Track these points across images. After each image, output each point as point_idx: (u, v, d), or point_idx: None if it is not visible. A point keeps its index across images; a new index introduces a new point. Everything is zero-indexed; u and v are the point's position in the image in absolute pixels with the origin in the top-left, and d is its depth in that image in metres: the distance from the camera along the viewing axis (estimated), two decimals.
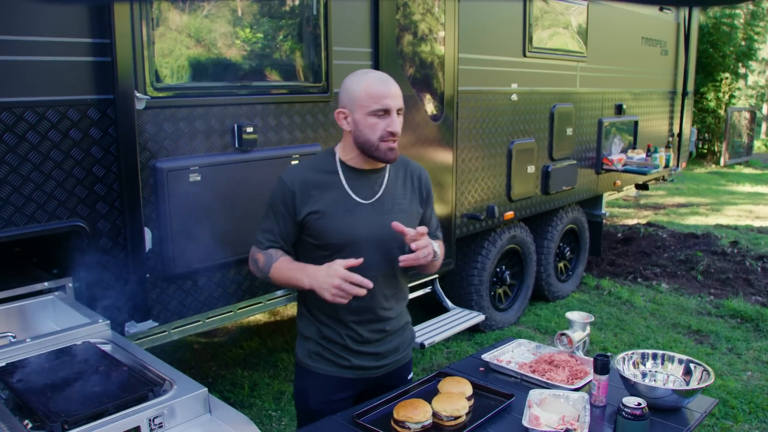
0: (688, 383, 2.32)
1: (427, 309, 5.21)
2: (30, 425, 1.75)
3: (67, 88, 2.65)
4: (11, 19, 2.47)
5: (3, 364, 2.06)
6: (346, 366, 2.36)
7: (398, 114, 2.24)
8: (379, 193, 2.31)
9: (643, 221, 10.01)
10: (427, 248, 2.20)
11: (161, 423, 1.79)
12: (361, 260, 2.12)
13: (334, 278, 2.08)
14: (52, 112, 2.60)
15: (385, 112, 2.20)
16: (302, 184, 2.26)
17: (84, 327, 2.33)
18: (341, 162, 2.31)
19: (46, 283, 2.72)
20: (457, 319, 4.85)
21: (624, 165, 6.62)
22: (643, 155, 6.75)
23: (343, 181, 2.28)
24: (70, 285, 2.79)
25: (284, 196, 2.27)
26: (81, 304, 2.64)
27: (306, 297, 2.38)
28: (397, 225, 2.18)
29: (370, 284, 2.09)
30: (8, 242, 2.58)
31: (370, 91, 2.19)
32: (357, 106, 2.22)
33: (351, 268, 2.11)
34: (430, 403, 2.09)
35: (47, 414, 1.73)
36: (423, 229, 2.20)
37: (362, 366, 2.37)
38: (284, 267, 2.25)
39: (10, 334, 2.36)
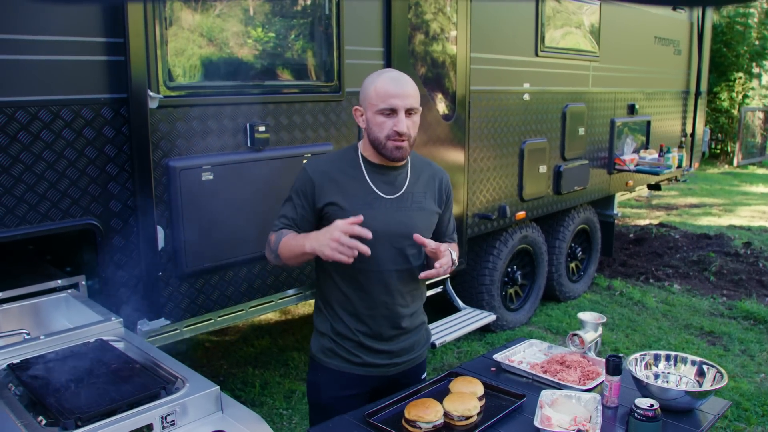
0: (701, 385, 2.30)
1: (438, 309, 5.20)
2: (44, 421, 1.76)
3: (81, 87, 2.66)
4: (26, 18, 2.48)
5: (17, 360, 2.08)
6: (357, 363, 2.37)
7: (410, 114, 2.24)
8: (402, 191, 2.34)
9: (656, 222, 9.96)
10: (446, 264, 2.24)
11: (173, 421, 1.79)
12: (361, 218, 2.10)
13: (333, 231, 2.07)
14: (66, 111, 2.62)
15: (392, 111, 2.21)
16: (323, 174, 2.29)
17: (97, 325, 2.34)
18: (363, 157, 2.34)
19: (59, 281, 2.73)
20: (468, 319, 4.84)
21: (636, 165, 6.59)
22: (656, 155, 6.71)
23: (366, 175, 2.31)
24: (83, 283, 2.81)
25: (304, 184, 2.31)
26: (94, 302, 2.65)
27: (323, 291, 2.41)
28: (418, 237, 2.22)
29: (368, 234, 2.08)
30: (22, 240, 2.59)
31: (379, 90, 2.22)
32: (368, 105, 2.25)
33: (364, 260, 2.15)
34: (441, 402, 2.09)
35: (61, 411, 1.74)
36: (441, 246, 2.24)
37: (375, 363, 2.38)
38: (291, 238, 2.25)
39: (24, 331, 2.37)
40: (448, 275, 4.87)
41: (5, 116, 2.45)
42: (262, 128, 3.23)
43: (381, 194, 2.30)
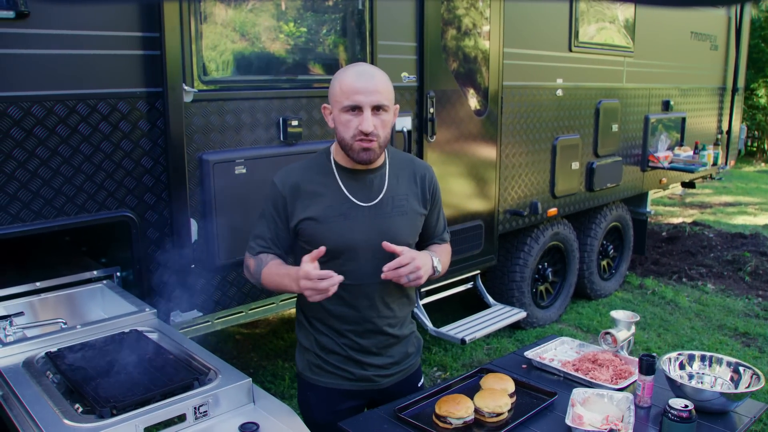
0: (736, 386, 2.26)
1: (467, 305, 5.19)
2: (80, 409, 1.79)
3: (118, 81, 2.70)
4: (65, 14, 2.52)
5: (55, 349, 2.12)
6: (348, 378, 2.25)
7: (377, 112, 2.04)
8: (380, 196, 2.17)
9: (689, 220, 9.81)
10: (412, 269, 2.03)
11: (206, 411, 1.81)
12: (323, 249, 1.96)
13: (299, 280, 1.95)
14: (102, 105, 2.65)
15: (357, 108, 2.02)
16: (293, 187, 2.14)
17: (131, 315, 2.38)
18: (335, 162, 2.19)
19: (95, 272, 2.79)
20: (498, 316, 4.82)
21: (670, 162, 6.50)
22: (691, 153, 6.61)
23: (340, 183, 2.15)
24: (118, 274, 2.86)
25: (275, 200, 2.16)
26: (128, 292, 2.69)
27: (303, 305, 2.28)
28: (387, 245, 2.04)
29: (333, 275, 1.93)
30: (60, 231, 2.64)
31: (343, 86, 2.03)
32: (334, 102, 2.08)
33: (345, 275, 1.99)
34: (472, 398, 2.08)
35: (97, 399, 1.77)
36: (407, 255, 2.04)
37: (365, 377, 2.26)
38: (273, 272, 2.11)
39: (61, 320, 2.42)
40: (477, 271, 4.85)
41: (44, 109, 2.49)
42: (295, 122, 3.25)
43: (357, 202, 2.14)
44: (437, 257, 2.23)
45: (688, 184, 7.76)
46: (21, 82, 2.44)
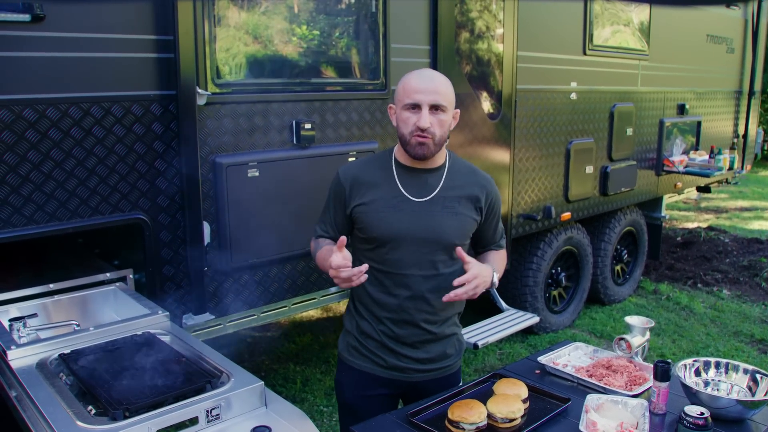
0: (753, 394, 2.24)
1: (480, 309, 5.17)
2: (93, 411, 1.80)
3: (132, 83, 2.72)
4: (79, 17, 2.54)
5: (68, 351, 2.13)
6: (381, 365, 2.36)
7: (435, 111, 2.18)
8: (433, 194, 2.29)
9: (704, 225, 9.74)
10: (473, 287, 2.14)
11: (218, 414, 1.82)
12: (344, 239, 2.10)
13: (329, 271, 2.11)
14: (116, 107, 2.67)
15: (416, 106, 2.18)
16: (353, 179, 2.31)
17: (144, 318, 2.39)
18: (395, 159, 2.33)
19: (108, 274, 2.80)
20: (511, 321, 4.80)
21: (686, 167, 6.45)
22: (706, 157, 6.57)
23: (395, 177, 2.30)
24: (131, 276, 2.87)
25: (337, 189, 2.34)
26: (141, 295, 2.71)
27: (354, 290, 2.41)
28: (460, 252, 2.17)
29: (357, 271, 2.07)
30: (73, 233, 2.66)
31: (406, 85, 2.21)
32: (397, 101, 2.25)
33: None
34: (485, 404, 2.07)
35: (110, 401, 1.78)
36: (472, 273, 2.15)
37: (398, 366, 2.36)
38: (320, 256, 2.28)
39: (74, 322, 2.44)
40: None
41: (59, 112, 2.52)
42: (308, 125, 3.26)
43: (408, 196, 2.27)
44: (498, 273, 2.33)
45: (704, 189, 7.70)
46: (36, 85, 2.46)
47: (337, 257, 2.08)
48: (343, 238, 2.10)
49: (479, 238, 2.46)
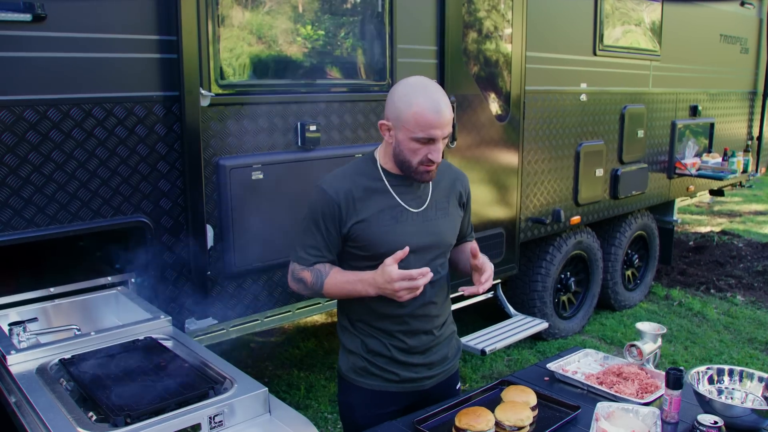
0: None
1: (488, 315, 5.17)
2: (94, 417, 1.81)
3: (134, 84, 2.73)
4: (81, 17, 2.55)
5: (68, 356, 2.14)
6: (393, 380, 2.33)
7: (443, 140, 2.16)
8: (427, 201, 2.29)
9: (717, 229, 9.71)
10: (490, 277, 2.23)
11: (221, 421, 1.82)
12: (407, 250, 2.08)
13: (392, 284, 2.05)
14: (119, 109, 2.68)
15: (430, 140, 2.12)
16: (346, 194, 2.19)
17: (146, 322, 2.39)
18: (383, 169, 2.26)
19: (109, 278, 2.81)
20: (519, 326, 4.80)
21: (698, 169, 6.44)
22: (719, 159, 6.55)
23: (390, 188, 2.24)
24: (133, 280, 2.88)
25: (329, 208, 2.19)
26: (143, 299, 2.71)
27: (348, 309, 2.35)
28: (475, 250, 2.20)
29: (427, 271, 2.08)
30: (74, 236, 2.67)
31: (420, 119, 2.08)
32: (402, 127, 2.12)
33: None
34: (492, 411, 2.07)
35: (111, 407, 1.78)
36: (486, 262, 2.23)
37: (411, 378, 2.34)
38: (339, 281, 2.20)
39: (74, 326, 2.44)
40: (498, 281, 4.83)
41: (60, 113, 2.53)
42: (313, 127, 3.26)
43: (408, 208, 2.24)
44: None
45: (717, 192, 7.68)
46: (37, 86, 2.47)
47: (393, 269, 2.05)
48: (407, 249, 2.08)
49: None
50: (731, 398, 2.28)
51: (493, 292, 4.97)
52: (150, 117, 2.78)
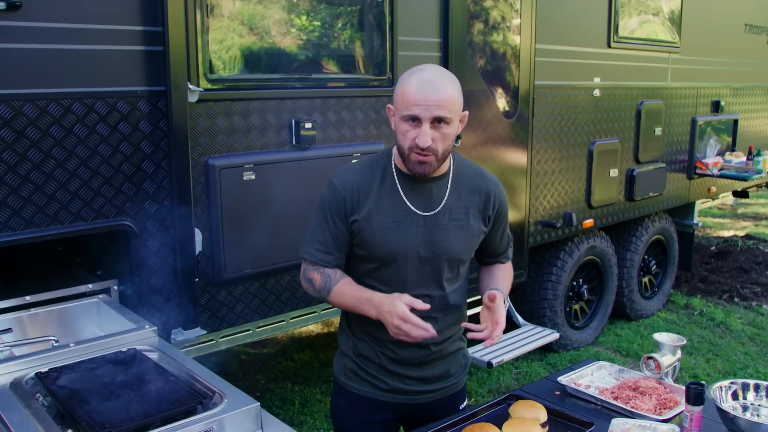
0: None
1: None
2: None
3: (117, 78, 2.73)
4: (60, 6, 2.55)
5: (45, 369, 2.13)
6: (382, 388, 2.33)
7: (438, 125, 2.07)
8: (439, 206, 2.23)
9: (741, 233, 9.71)
10: (499, 334, 2.16)
11: None
12: (428, 307, 2.08)
13: (393, 317, 2.05)
14: (100, 104, 2.68)
15: (415, 120, 2.07)
16: (353, 188, 2.20)
17: (130, 333, 2.39)
18: (395, 167, 2.25)
19: (90, 285, 2.80)
20: (528, 337, 4.79)
21: (721, 169, 6.45)
22: (744, 158, 6.55)
23: (399, 189, 2.22)
24: (115, 288, 2.88)
25: (336, 202, 2.21)
26: (126, 308, 2.71)
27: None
28: (496, 295, 2.16)
29: (430, 329, 2.05)
30: (52, 241, 2.66)
31: (405, 94, 2.07)
32: (396, 108, 2.14)
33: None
34: (500, 428, 2.07)
35: (91, 424, 1.78)
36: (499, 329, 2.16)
37: (401, 389, 2.33)
38: (346, 293, 2.20)
39: (52, 338, 2.43)
40: None
41: (37, 109, 2.52)
42: (308, 125, 3.26)
43: (415, 210, 2.21)
44: (506, 295, 2.31)
45: (741, 194, 7.68)
46: (12, 79, 2.47)
47: (402, 305, 2.04)
48: (428, 306, 2.08)
49: (485, 248, 2.41)
50: (757, 415, 2.28)
51: None
52: (134, 113, 2.78)
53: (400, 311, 2.03)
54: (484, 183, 2.33)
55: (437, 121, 2.06)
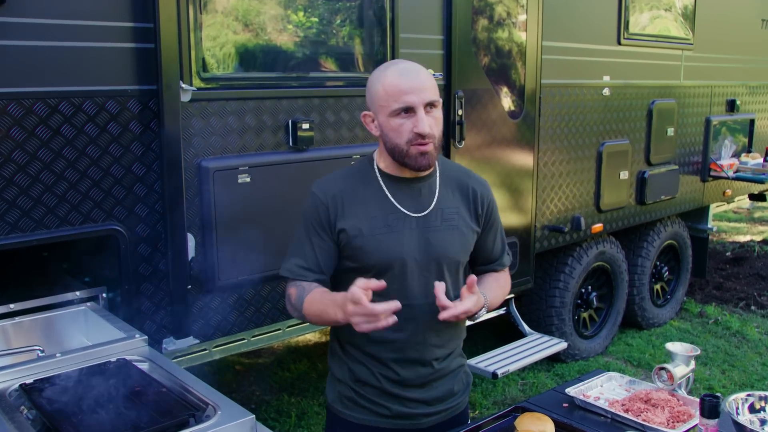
0: None
1: (500, 334, 5.16)
2: None
3: (106, 77, 2.73)
4: (46, 1, 2.56)
5: (30, 380, 2.13)
6: (384, 414, 2.27)
7: (430, 109, 2.10)
8: (430, 207, 2.23)
9: (758, 238, 9.71)
10: (456, 314, 2.06)
11: None
12: (383, 284, 1.97)
13: (346, 305, 1.95)
14: (89, 104, 2.69)
15: (409, 110, 2.08)
16: (335, 196, 2.19)
17: (119, 342, 2.38)
18: (380, 170, 2.24)
19: (77, 293, 2.80)
20: (534, 346, 4.79)
21: (736, 171, 6.45)
22: (760, 160, 6.55)
23: (386, 191, 2.21)
24: (104, 295, 2.87)
25: (317, 211, 2.20)
26: (115, 316, 2.71)
27: (339, 330, 2.30)
28: (438, 288, 2.06)
29: (393, 306, 1.94)
30: (38, 246, 2.66)
31: (388, 88, 2.08)
32: (379, 108, 2.13)
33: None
34: None
35: None
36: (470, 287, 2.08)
37: (404, 414, 2.27)
38: (316, 300, 2.13)
39: (37, 347, 2.43)
40: (512, 295, 4.83)
41: (22, 108, 2.53)
42: (305, 125, 3.27)
43: (405, 212, 2.20)
44: (488, 306, 2.24)
45: (758, 197, 7.69)
46: None
47: (360, 291, 1.90)
48: (383, 283, 1.96)
49: (478, 253, 2.39)
50: None
51: (505, 309, 4.97)
52: (124, 113, 2.78)
53: (349, 295, 1.93)
54: (471, 182, 2.34)
55: (429, 105, 2.10)
